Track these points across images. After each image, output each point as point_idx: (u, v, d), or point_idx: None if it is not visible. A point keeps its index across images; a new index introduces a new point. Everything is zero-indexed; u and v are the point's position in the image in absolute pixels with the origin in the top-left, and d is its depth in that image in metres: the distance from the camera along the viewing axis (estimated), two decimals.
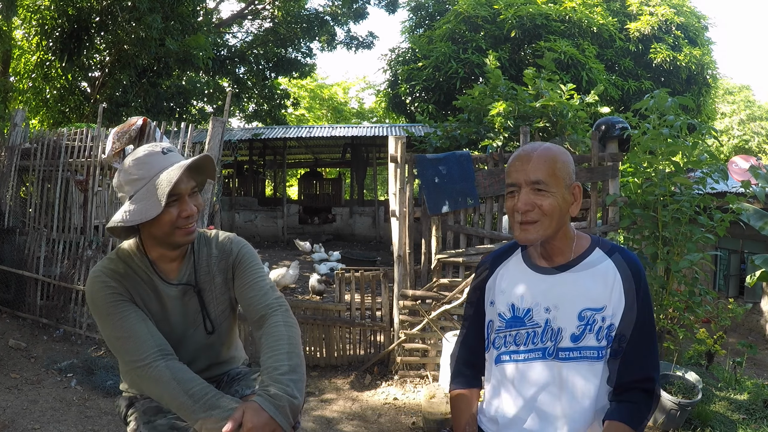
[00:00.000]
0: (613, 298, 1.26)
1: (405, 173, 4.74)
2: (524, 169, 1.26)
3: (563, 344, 1.27)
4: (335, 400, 4.30)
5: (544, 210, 1.24)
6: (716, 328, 5.11)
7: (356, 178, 15.96)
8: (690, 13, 14.18)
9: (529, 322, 1.31)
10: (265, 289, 1.44)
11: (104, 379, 4.16)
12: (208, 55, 11.77)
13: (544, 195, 1.25)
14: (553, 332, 1.28)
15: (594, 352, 1.25)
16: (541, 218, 1.25)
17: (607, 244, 1.35)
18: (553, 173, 1.25)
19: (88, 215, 5.39)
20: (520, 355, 1.32)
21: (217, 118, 5.09)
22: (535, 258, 1.36)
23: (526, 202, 1.25)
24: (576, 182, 1.30)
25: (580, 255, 1.32)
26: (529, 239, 1.28)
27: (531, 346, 1.30)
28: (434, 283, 4.58)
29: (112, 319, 1.30)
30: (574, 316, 1.27)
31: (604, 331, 1.25)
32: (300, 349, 1.33)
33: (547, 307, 1.30)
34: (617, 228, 4.59)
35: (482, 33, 12.35)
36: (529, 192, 1.25)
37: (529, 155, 1.27)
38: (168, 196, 1.28)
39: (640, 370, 1.26)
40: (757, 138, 24.06)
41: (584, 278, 1.29)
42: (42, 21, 10.33)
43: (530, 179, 1.25)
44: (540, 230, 1.26)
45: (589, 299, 1.27)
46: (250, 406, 1.16)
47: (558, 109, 6.09)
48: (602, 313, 1.26)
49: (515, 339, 1.33)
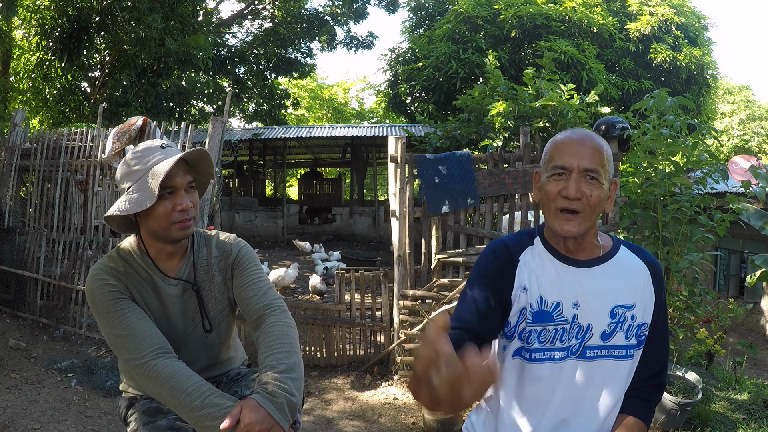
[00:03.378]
0: (644, 297, 1.24)
1: (405, 173, 4.74)
2: (579, 154, 1.17)
3: (592, 342, 1.22)
4: (335, 400, 4.30)
5: (592, 201, 1.16)
6: (716, 328, 5.11)
7: (356, 178, 15.96)
8: (690, 13, 14.17)
9: (558, 318, 1.22)
10: (264, 289, 1.44)
11: (104, 379, 4.17)
12: (208, 55, 11.78)
13: (595, 185, 1.16)
14: (580, 329, 1.22)
15: (622, 350, 1.22)
16: (585, 209, 1.17)
17: (630, 244, 1.32)
18: (603, 164, 1.18)
19: (88, 215, 5.39)
20: (543, 354, 1.23)
21: (217, 118, 5.09)
22: (561, 250, 1.26)
23: (578, 189, 1.16)
24: (615, 178, 1.23)
25: (609, 252, 1.27)
26: (571, 230, 1.18)
27: (558, 344, 1.22)
28: (434, 283, 4.58)
29: (112, 316, 1.31)
30: (605, 313, 1.22)
31: (633, 329, 1.22)
32: (298, 349, 1.33)
33: (575, 302, 1.21)
34: (617, 228, 4.59)
35: (482, 33, 12.34)
36: (580, 179, 1.16)
37: (584, 141, 1.19)
38: (162, 187, 1.29)
39: (655, 365, 1.26)
40: (757, 138, 24.06)
41: (616, 275, 1.24)
42: (42, 21, 10.33)
43: (585, 166, 1.16)
44: (583, 222, 1.17)
45: (621, 296, 1.23)
46: (248, 403, 1.17)
47: (558, 109, 6.09)
48: (632, 311, 1.23)
49: (540, 336, 1.22)
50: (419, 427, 3.78)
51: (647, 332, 1.25)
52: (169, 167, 1.29)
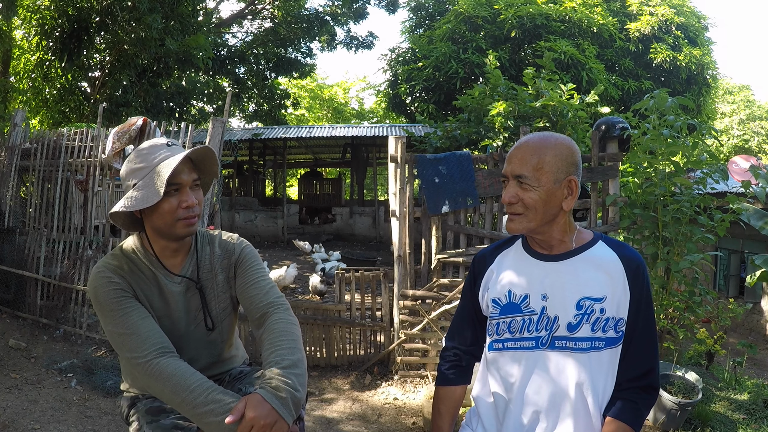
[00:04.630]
0: (617, 291, 1.25)
1: (405, 173, 4.74)
2: (513, 161, 1.28)
3: (559, 333, 1.26)
4: (335, 400, 4.30)
5: (528, 203, 1.25)
6: (716, 328, 5.11)
7: (356, 178, 15.97)
8: (690, 13, 14.18)
9: (525, 309, 1.29)
10: (267, 288, 1.45)
11: (104, 379, 4.16)
12: (208, 55, 11.77)
13: (526, 189, 1.25)
14: (549, 320, 1.27)
15: (588, 342, 1.24)
16: (524, 211, 1.27)
17: (611, 240, 1.34)
18: (539, 167, 1.24)
19: (88, 215, 5.39)
20: (514, 343, 1.31)
21: (217, 118, 5.09)
22: (535, 247, 1.36)
23: (510, 195, 1.28)
24: (572, 176, 1.26)
25: (582, 246, 1.31)
26: (514, 229, 1.30)
27: (526, 334, 1.29)
28: (434, 283, 4.58)
29: (115, 315, 1.31)
30: (571, 305, 1.25)
31: (601, 322, 1.24)
32: (301, 346, 1.34)
33: (543, 294, 1.28)
34: (617, 228, 4.59)
35: (482, 33, 12.35)
36: (514, 185, 1.28)
37: (519, 148, 1.28)
38: (168, 184, 1.30)
39: (641, 365, 1.27)
40: (757, 138, 24.07)
41: (585, 268, 1.28)
42: (42, 21, 10.32)
43: (515, 173, 1.27)
44: (524, 222, 1.27)
45: (588, 289, 1.26)
46: (251, 398, 1.17)
47: (558, 109, 6.10)
48: (601, 303, 1.25)
49: (509, 326, 1.31)
50: (419, 427, 3.78)
51: (624, 328, 1.26)
52: (176, 164, 1.30)
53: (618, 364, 1.27)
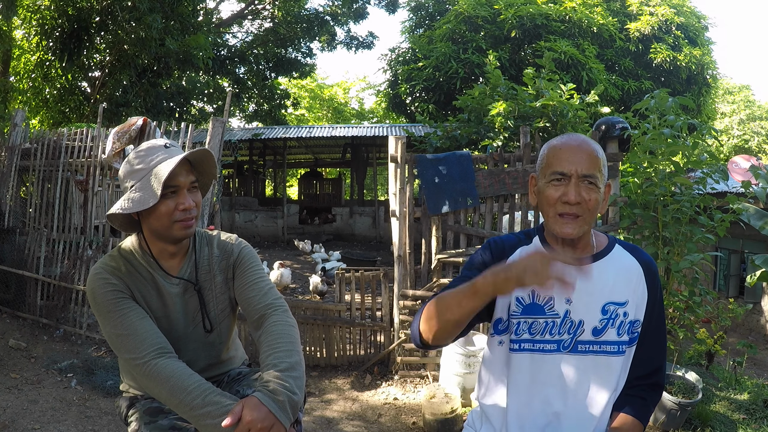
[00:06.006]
0: (636, 294, 1.26)
1: (405, 173, 4.74)
2: (577, 160, 1.21)
3: (583, 337, 1.25)
4: (335, 400, 4.30)
5: (590, 205, 1.20)
6: (716, 328, 5.11)
7: (356, 178, 15.96)
8: (690, 13, 14.18)
9: (549, 312, 1.26)
10: (265, 289, 1.45)
11: (104, 379, 4.16)
12: (208, 55, 11.77)
13: (593, 189, 1.20)
14: (572, 324, 1.25)
15: (614, 347, 1.25)
16: (584, 213, 1.21)
17: (625, 243, 1.34)
18: (600, 169, 1.22)
19: (88, 215, 5.39)
20: (533, 345, 1.27)
21: (217, 118, 5.09)
22: (558, 248, 1.30)
23: (578, 195, 1.20)
24: (609, 180, 1.27)
25: (603, 250, 1.30)
26: (571, 233, 1.22)
27: (548, 337, 1.26)
28: (434, 283, 4.58)
29: (113, 316, 1.31)
30: (597, 310, 1.25)
31: (625, 326, 1.25)
32: (299, 348, 1.34)
33: (568, 298, 1.25)
34: (617, 228, 4.59)
35: (482, 33, 12.35)
36: (578, 184, 1.20)
37: (581, 146, 1.22)
38: (166, 186, 1.30)
39: (651, 363, 1.28)
40: (757, 138, 24.06)
41: (608, 272, 1.27)
42: (42, 21, 10.32)
43: (583, 172, 1.20)
44: (582, 225, 1.22)
45: (613, 293, 1.25)
46: (249, 400, 1.16)
47: (558, 108, 6.10)
48: (624, 308, 1.25)
49: (530, 328, 1.27)
50: (419, 427, 3.78)
51: (640, 329, 1.27)
52: (172, 167, 1.30)
53: (630, 364, 1.28)
